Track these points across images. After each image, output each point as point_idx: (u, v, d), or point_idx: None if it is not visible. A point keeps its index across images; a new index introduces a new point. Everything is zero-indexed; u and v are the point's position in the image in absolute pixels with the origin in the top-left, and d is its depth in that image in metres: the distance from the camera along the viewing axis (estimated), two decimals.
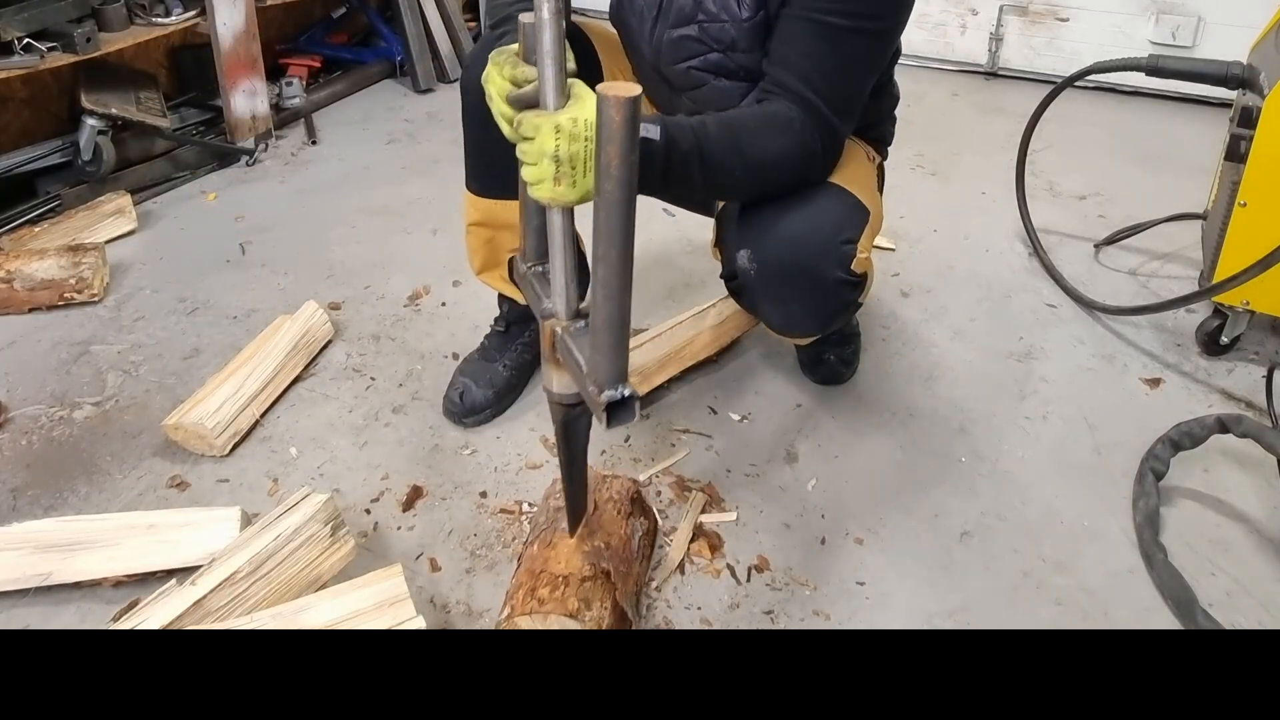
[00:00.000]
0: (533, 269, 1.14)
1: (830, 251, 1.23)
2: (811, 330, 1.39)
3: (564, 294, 1.02)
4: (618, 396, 0.93)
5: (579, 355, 0.99)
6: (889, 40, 1.24)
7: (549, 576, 1.14)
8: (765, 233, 1.25)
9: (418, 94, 3.13)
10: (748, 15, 1.23)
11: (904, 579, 1.30)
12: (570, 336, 1.01)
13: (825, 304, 1.29)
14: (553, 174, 0.94)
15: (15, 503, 1.43)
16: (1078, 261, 2.09)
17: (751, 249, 1.25)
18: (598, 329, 0.92)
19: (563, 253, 1.00)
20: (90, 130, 2.23)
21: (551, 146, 0.93)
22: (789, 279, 1.25)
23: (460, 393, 1.58)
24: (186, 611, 1.14)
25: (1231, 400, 1.65)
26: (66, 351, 1.78)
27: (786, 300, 1.29)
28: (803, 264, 1.23)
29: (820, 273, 1.24)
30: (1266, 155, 1.57)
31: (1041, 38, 3.12)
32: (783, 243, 1.23)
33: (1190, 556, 1.33)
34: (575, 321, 1.03)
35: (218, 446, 1.50)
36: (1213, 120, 2.74)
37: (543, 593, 1.13)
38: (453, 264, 2.03)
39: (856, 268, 1.25)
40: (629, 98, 0.81)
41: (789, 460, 1.51)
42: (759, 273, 1.26)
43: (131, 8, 2.33)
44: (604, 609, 1.12)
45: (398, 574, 1.19)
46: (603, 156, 0.84)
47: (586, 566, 1.16)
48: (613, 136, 0.83)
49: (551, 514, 1.26)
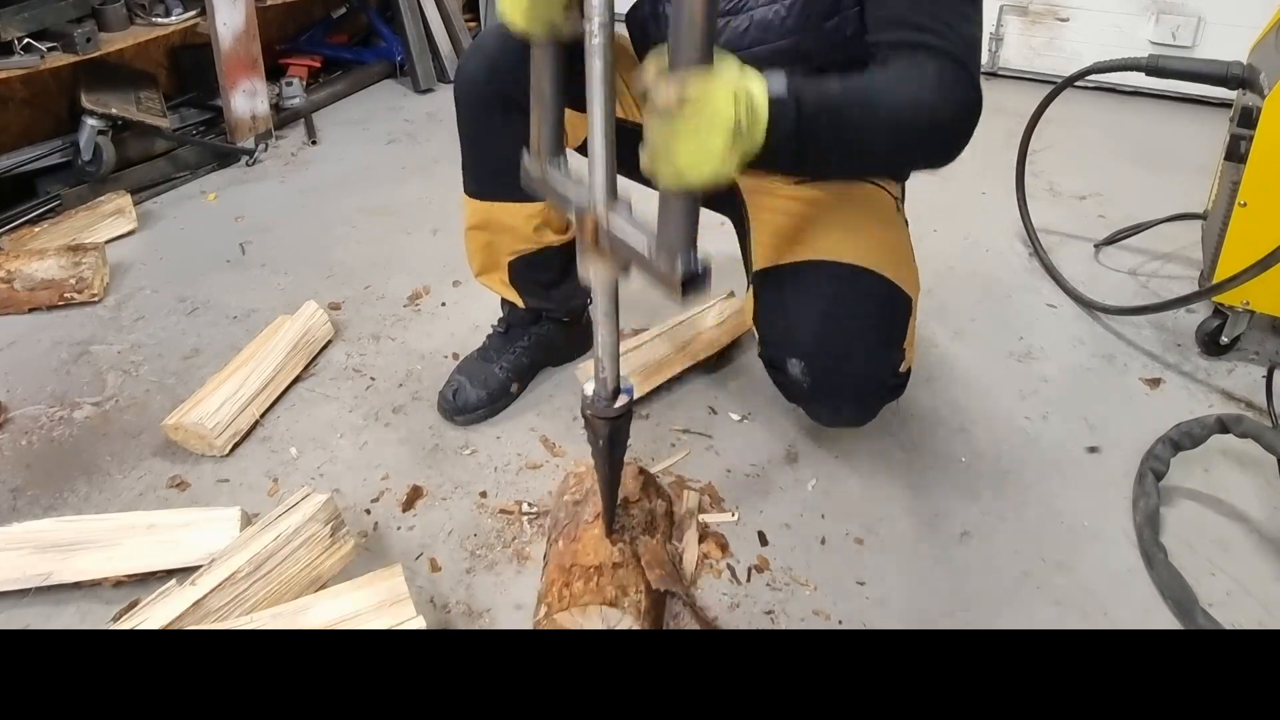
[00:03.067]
0: (549, 164, 1.11)
1: (883, 364, 1.25)
2: (857, 424, 1.42)
3: (602, 179, 0.99)
4: (693, 266, 0.90)
5: (634, 234, 0.95)
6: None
7: (580, 569, 1.16)
8: (816, 346, 1.24)
9: (418, 94, 3.14)
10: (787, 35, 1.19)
11: (904, 579, 1.30)
12: (617, 221, 0.98)
13: (875, 405, 1.33)
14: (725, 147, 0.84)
15: (15, 503, 1.43)
16: (1078, 261, 2.09)
17: (805, 363, 1.24)
18: (669, 199, 0.88)
19: (603, 138, 0.96)
20: (90, 130, 2.24)
21: (731, 117, 0.83)
22: (843, 392, 1.27)
23: (454, 390, 1.58)
24: (186, 611, 1.13)
25: (1231, 400, 1.65)
26: (66, 351, 1.78)
27: (836, 407, 1.33)
28: (857, 381, 1.25)
29: (873, 384, 1.26)
30: (1266, 155, 1.57)
31: (1041, 38, 3.12)
32: (837, 361, 1.23)
33: (1190, 556, 1.33)
34: (617, 206, 1.00)
35: (218, 446, 1.50)
36: (1213, 120, 2.74)
37: (577, 586, 1.14)
38: (453, 264, 2.03)
39: (904, 369, 1.26)
40: None
41: (789, 460, 1.51)
42: (812, 385, 1.26)
43: (131, 8, 2.33)
44: (639, 593, 1.15)
45: (398, 574, 1.19)
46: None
47: (615, 553, 1.18)
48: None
49: (570, 509, 1.27)
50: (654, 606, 1.17)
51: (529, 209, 1.43)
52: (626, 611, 1.11)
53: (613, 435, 1.13)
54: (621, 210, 0.99)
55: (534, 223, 1.46)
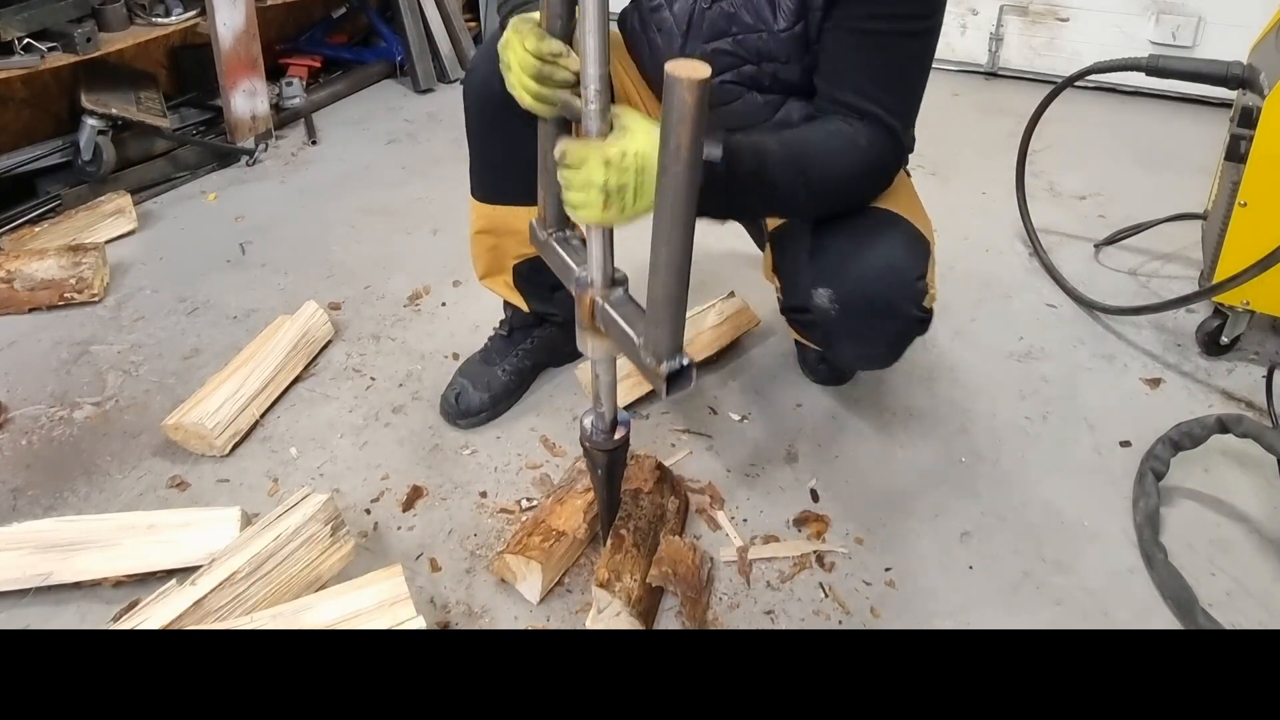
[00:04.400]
0: (554, 235, 1.16)
1: (910, 291, 1.22)
2: (882, 365, 1.40)
3: (601, 263, 1.04)
4: (678, 366, 0.96)
5: (625, 325, 1.01)
6: (935, 36, 1.21)
7: (545, 529, 1.26)
8: (846, 273, 1.22)
9: (418, 94, 3.13)
10: (785, 25, 1.20)
11: (904, 579, 1.30)
12: (612, 306, 1.04)
13: (901, 341, 1.29)
14: (600, 203, 0.95)
15: (15, 503, 1.43)
16: (1078, 261, 2.09)
17: (833, 289, 1.23)
18: (658, 304, 0.94)
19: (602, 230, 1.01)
20: (90, 130, 2.23)
21: (600, 179, 0.94)
22: (873, 319, 1.24)
23: (457, 394, 1.58)
24: (186, 611, 1.13)
25: (1231, 400, 1.65)
26: (66, 351, 1.78)
27: (864, 339, 1.29)
28: (887, 305, 1.22)
29: (902, 312, 1.23)
30: (1266, 155, 1.57)
31: (1041, 38, 3.12)
32: (867, 284, 1.21)
33: (1190, 556, 1.33)
34: (613, 290, 1.05)
35: (218, 446, 1.50)
36: (1213, 120, 2.74)
37: (534, 540, 1.24)
38: (453, 264, 2.03)
39: (928, 303, 1.25)
40: (701, 80, 0.81)
41: (789, 460, 1.51)
42: (841, 313, 1.23)
43: (131, 8, 2.32)
44: (634, 580, 1.19)
45: (398, 574, 1.19)
46: (672, 139, 0.84)
47: (584, 529, 1.28)
48: (684, 118, 0.82)
49: (574, 475, 1.38)
50: (647, 596, 1.20)
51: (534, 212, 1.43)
52: (616, 596, 1.16)
53: (610, 465, 1.21)
54: (617, 295, 1.05)
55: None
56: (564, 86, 1.03)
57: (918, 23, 1.17)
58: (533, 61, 1.01)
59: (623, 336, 1.02)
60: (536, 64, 1.01)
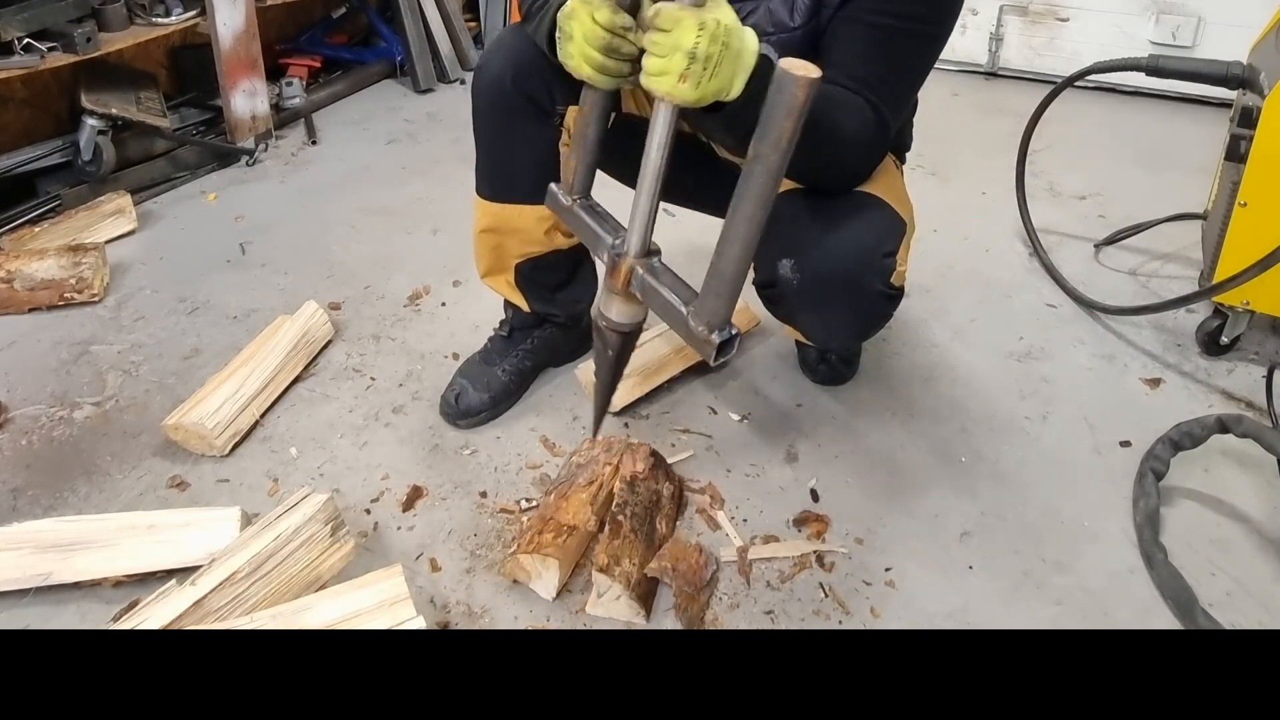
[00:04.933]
0: (579, 202, 1.19)
1: (873, 265, 1.23)
2: (848, 341, 1.40)
3: (643, 231, 1.07)
4: (729, 335, 1.02)
5: (669, 294, 1.06)
6: (940, 43, 1.23)
7: (556, 524, 1.26)
8: (809, 244, 1.24)
9: (418, 94, 3.13)
10: (800, 23, 1.22)
11: (904, 579, 1.30)
12: (652, 275, 1.08)
13: (865, 316, 1.30)
14: (681, 69, 0.95)
15: (15, 503, 1.43)
16: (1078, 261, 2.09)
17: (795, 259, 1.24)
18: (724, 277, 0.99)
19: (651, 192, 1.04)
20: (90, 130, 2.23)
21: (690, 42, 0.94)
22: (832, 291, 1.24)
23: (456, 394, 1.58)
24: (186, 611, 1.13)
25: (1231, 400, 1.65)
26: (66, 351, 1.78)
27: (827, 312, 1.29)
28: (847, 276, 1.23)
29: (863, 286, 1.24)
30: (1266, 155, 1.57)
31: (1041, 38, 3.12)
32: (827, 255, 1.22)
33: (1190, 556, 1.33)
34: (650, 259, 1.09)
35: (218, 446, 1.50)
36: (1213, 120, 2.74)
37: (546, 537, 1.24)
38: (453, 264, 2.03)
39: (896, 280, 1.25)
40: (813, 79, 0.87)
41: (789, 460, 1.51)
42: (801, 284, 1.25)
43: (131, 8, 2.32)
44: (633, 565, 1.22)
45: (398, 574, 1.19)
46: (775, 129, 0.89)
47: (593, 520, 1.28)
48: (791, 112, 0.88)
49: (572, 469, 1.38)
50: (646, 581, 1.23)
51: (540, 211, 1.43)
52: (616, 580, 1.19)
53: (622, 348, 1.20)
54: (655, 263, 1.09)
55: (544, 225, 1.45)
56: (628, 60, 1.04)
57: (923, 25, 1.18)
58: (602, 34, 1.01)
59: (666, 306, 1.06)
60: (606, 37, 1.01)
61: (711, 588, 1.27)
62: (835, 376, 1.67)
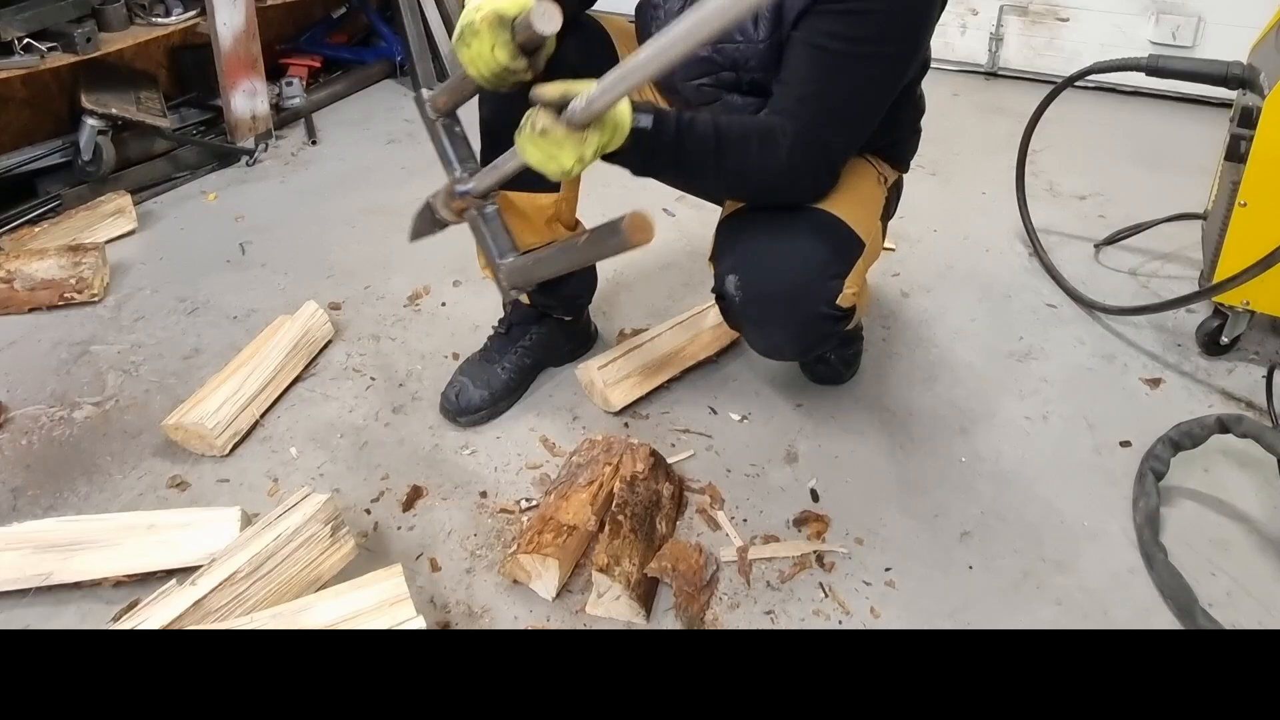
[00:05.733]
0: (442, 121, 1.31)
1: (815, 287, 1.24)
2: (791, 357, 1.42)
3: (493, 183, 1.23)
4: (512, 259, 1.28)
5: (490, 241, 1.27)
6: (900, 63, 1.23)
7: (556, 524, 1.26)
8: (753, 261, 1.25)
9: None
10: (764, 36, 1.23)
11: (904, 579, 1.30)
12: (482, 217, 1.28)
13: (806, 336, 1.30)
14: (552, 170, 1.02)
15: (15, 503, 1.43)
16: (1078, 261, 2.09)
17: (739, 276, 1.26)
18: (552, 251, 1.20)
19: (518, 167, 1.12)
20: (90, 130, 2.24)
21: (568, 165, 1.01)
22: (772, 310, 1.26)
23: (456, 392, 1.58)
24: (186, 611, 1.14)
25: (1231, 400, 1.65)
26: (66, 351, 1.78)
27: (769, 329, 1.31)
28: (786, 298, 1.24)
29: (804, 308, 1.25)
30: (1266, 155, 1.57)
31: (1041, 38, 3.12)
32: (768, 274, 1.24)
33: (1190, 556, 1.33)
34: (485, 201, 1.27)
35: (218, 446, 1.50)
36: (1213, 120, 2.74)
37: (546, 537, 1.24)
38: (453, 264, 2.03)
39: (843, 302, 1.26)
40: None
41: (789, 460, 1.51)
42: (743, 300, 1.26)
43: (131, 8, 2.33)
44: (633, 565, 1.22)
45: (398, 574, 1.19)
46: (589, 251, 1.12)
47: (593, 520, 1.28)
48: (611, 249, 1.05)
49: (572, 469, 1.38)
50: (646, 581, 1.23)
51: (542, 199, 1.44)
52: (616, 580, 1.19)
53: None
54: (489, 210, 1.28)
55: (546, 215, 1.46)
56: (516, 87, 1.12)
57: (876, 46, 1.18)
58: (497, 69, 1.11)
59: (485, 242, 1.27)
60: (501, 72, 1.11)
61: (711, 588, 1.27)
62: (835, 377, 1.67)
